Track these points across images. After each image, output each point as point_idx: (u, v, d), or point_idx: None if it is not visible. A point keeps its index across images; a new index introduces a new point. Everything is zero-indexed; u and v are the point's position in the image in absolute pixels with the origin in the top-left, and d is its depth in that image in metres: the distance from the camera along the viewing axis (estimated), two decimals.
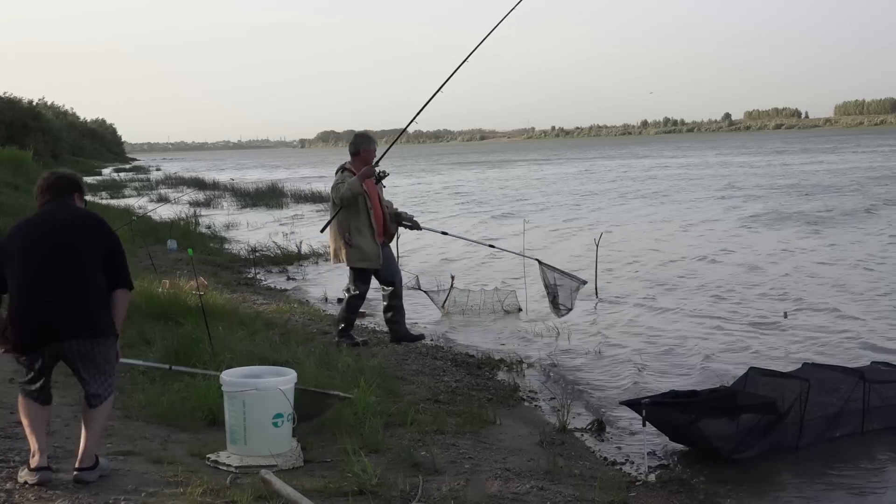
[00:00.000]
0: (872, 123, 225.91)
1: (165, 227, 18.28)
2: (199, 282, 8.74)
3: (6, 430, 5.05)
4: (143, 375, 6.25)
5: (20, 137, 46.07)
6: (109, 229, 4.76)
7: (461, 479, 4.59)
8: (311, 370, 6.10)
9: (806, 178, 35.52)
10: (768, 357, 8.10)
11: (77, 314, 4.45)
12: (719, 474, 5.26)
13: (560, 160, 72.31)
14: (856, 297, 10.83)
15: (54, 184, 4.82)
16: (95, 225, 4.69)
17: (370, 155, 8.20)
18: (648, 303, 10.94)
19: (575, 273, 9.54)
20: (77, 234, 4.60)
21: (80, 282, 4.50)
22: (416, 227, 8.71)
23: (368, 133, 8.52)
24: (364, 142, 8.26)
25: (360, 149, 8.22)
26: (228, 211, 27.66)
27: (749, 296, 11.19)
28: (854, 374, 5.99)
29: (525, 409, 6.71)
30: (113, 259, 4.62)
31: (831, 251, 15.11)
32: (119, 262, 4.64)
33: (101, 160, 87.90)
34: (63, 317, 4.43)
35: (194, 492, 4.16)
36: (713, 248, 15.79)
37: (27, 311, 4.45)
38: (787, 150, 73.47)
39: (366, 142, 8.27)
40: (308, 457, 4.79)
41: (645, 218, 22.10)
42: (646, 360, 8.09)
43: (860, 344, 8.49)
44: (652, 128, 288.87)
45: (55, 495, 4.08)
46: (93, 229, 4.66)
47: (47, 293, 4.45)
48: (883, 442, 5.84)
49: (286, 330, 8.26)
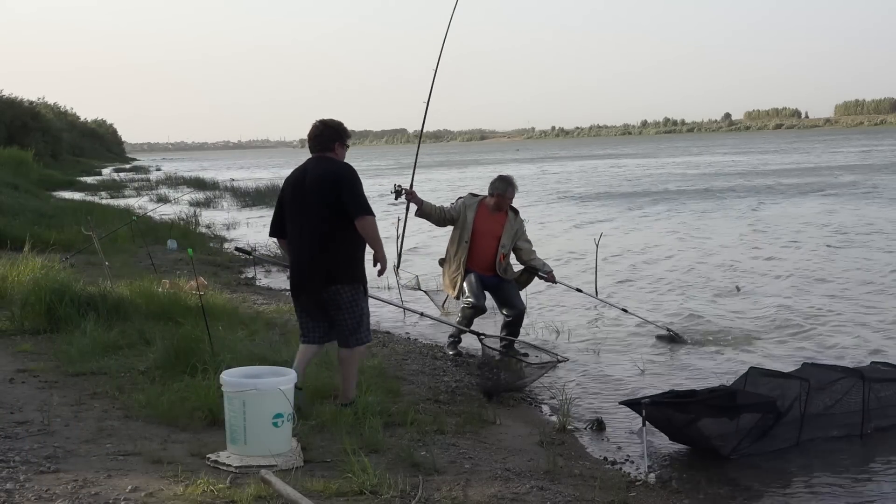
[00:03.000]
0: (872, 123, 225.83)
1: (165, 227, 18.27)
2: (199, 282, 8.74)
3: (6, 430, 5.05)
4: (143, 375, 6.25)
5: (20, 137, 46.10)
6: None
7: (461, 479, 4.59)
8: (312, 370, 6.10)
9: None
10: (769, 357, 8.10)
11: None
12: (719, 474, 5.26)
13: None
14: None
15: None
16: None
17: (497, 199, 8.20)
18: (648, 303, 10.95)
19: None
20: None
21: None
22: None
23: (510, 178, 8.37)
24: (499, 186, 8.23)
25: (494, 192, 8.22)
26: (228, 211, 27.66)
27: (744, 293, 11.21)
28: (854, 374, 5.99)
29: (525, 409, 6.71)
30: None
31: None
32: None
33: (101, 160, 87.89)
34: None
35: (194, 492, 4.17)
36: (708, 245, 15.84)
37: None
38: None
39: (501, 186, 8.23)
40: (308, 457, 4.79)
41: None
42: (646, 360, 8.09)
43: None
44: (652, 128, 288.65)
45: (55, 495, 4.08)
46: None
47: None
48: (883, 442, 5.85)
49: (286, 330, 8.25)
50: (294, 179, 5.84)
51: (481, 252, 8.11)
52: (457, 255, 8.07)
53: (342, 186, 5.61)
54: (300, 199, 5.72)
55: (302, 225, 5.69)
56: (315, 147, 5.81)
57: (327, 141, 5.78)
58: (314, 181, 5.68)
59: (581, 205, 26.92)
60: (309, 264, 5.68)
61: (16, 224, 14.26)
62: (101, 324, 7.48)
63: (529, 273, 8.42)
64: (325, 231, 5.61)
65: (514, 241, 8.26)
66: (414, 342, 8.84)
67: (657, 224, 20.71)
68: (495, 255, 8.14)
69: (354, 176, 5.70)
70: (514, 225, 8.26)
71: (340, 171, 5.69)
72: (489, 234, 8.14)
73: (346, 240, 5.64)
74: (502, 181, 8.25)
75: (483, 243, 8.12)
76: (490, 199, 8.21)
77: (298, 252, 5.74)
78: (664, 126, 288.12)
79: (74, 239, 13.01)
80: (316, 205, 5.63)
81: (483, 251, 8.12)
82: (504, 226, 8.19)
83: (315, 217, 5.64)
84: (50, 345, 7.22)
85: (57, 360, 6.73)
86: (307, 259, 5.69)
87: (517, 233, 8.29)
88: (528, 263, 8.36)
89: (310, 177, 5.71)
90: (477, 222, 8.11)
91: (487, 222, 8.15)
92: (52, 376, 6.35)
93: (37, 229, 13.43)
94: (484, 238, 8.12)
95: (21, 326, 7.78)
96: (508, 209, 8.25)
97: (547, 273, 8.41)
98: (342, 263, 5.65)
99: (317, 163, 5.75)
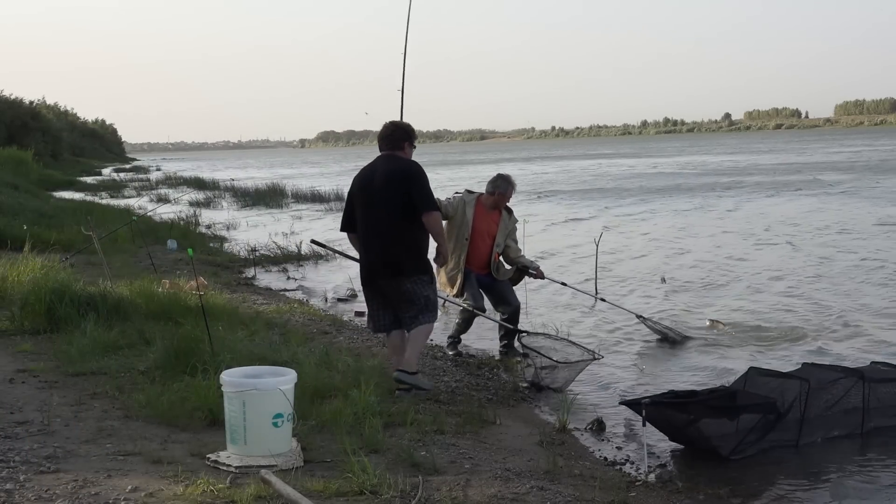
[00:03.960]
0: (872, 123, 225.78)
1: (165, 227, 18.27)
2: (199, 282, 8.73)
3: (6, 430, 5.04)
4: (143, 375, 6.25)
5: (20, 137, 46.13)
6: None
7: (461, 479, 4.58)
8: (311, 370, 6.10)
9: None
10: (770, 356, 8.11)
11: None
12: (719, 474, 5.25)
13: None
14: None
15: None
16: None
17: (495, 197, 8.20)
18: (647, 302, 10.95)
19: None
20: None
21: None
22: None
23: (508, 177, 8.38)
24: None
25: (495, 190, 8.20)
26: (228, 211, 27.65)
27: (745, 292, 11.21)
28: (854, 373, 5.99)
29: (525, 409, 6.71)
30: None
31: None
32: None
33: (101, 160, 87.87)
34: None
35: (194, 492, 4.16)
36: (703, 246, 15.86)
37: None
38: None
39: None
40: (308, 457, 4.79)
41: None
42: (646, 360, 8.09)
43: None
44: (652, 128, 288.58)
45: (55, 495, 4.08)
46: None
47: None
48: (883, 442, 5.85)
49: (286, 330, 8.25)
50: (364, 176, 6.34)
51: (477, 250, 8.09)
52: (454, 252, 8.02)
53: (412, 183, 6.13)
54: (371, 195, 6.22)
55: (373, 219, 6.21)
56: (385, 146, 6.35)
57: (398, 140, 6.33)
58: (385, 177, 6.19)
59: (560, 203, 27.30)
60: (380, 256, 6.21)
61: (16, 224, 14.26)
62: (101, 324, 7.48)
63: (520, 271, 8.44)
64: (394, 224, 6.14)
65: (506, 240, 8.27)
66: None
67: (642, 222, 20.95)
68: (490, 253, 8.15)
69: (423, 173, 6.22)
70: (507, 224, 8.26)
71: (410, 168, 6.23)
72: (485, 233, 8.13)
73: (413, 233, 6.18)
74: (504, 180, 8.23)
75: (479, 242, 8.11)
76: (488, 198, 8.20)
77: (370, 245, 6.26)
78: (664, 126, 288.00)
79: (74, 239, 13.02)
80: (387, 200, 6.15)
81: (479, 250, 8.10)
82: (499, 224, 8.20)
83: (386, 212, 6.15)
84: (50, 345, 7.21)
85: (57, 360, 6.73)
86: (379, 251, 6.21)
87: (510, 232, 8.30)
88: (516, 262, 8.37)
89: (381, 173, 6.23)
90: (475, 220, 8.10)
91: (484, 221, 8.14)
92: (52, 376, 6.35)
93: (37, 229, 13.42)
94: (480, 236, 8.11)
95: (21, 326, 7.78)
96: (503, 208, 8.25)
97: (535, 269, 8.44)
98: (411, 255, 6.20)
99: (387, 161, 6.28)
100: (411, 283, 6.20)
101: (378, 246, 6.20)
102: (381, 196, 6.17)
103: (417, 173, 6.18)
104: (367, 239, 6.27)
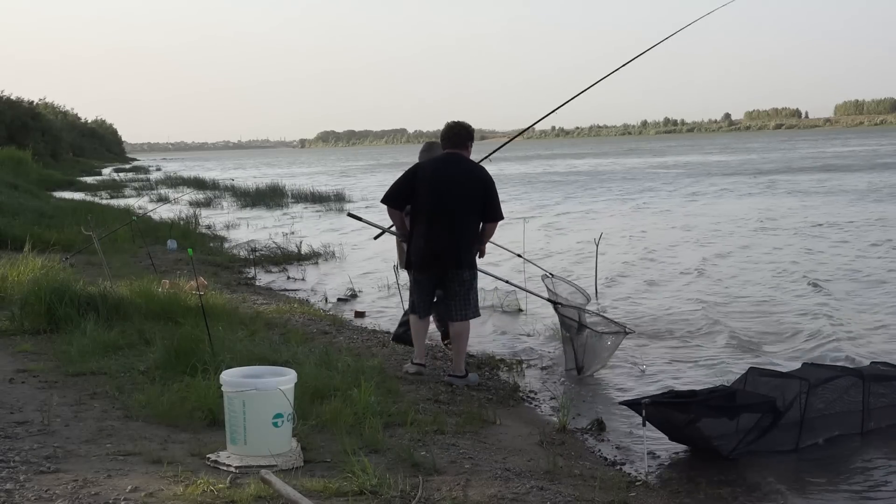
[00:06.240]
0: (872, 123, 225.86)
1: (165, 227, 18.27)
2: (199, 282, 8.73)
3: (6, 430, 5.04)
4: (143, 375, 6.25)
5: (20, 137, 46.17)
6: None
7: (461, 479, 4.58)
8: (311, 370, 6.10)
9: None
10: (770, 356, 8.11)
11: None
12: (719, 474, 5.25)
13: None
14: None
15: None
16: None
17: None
18: (647, 302, 10.95)
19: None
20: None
21: None
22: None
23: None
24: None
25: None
26: (228, 211, 27.65)
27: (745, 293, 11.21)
28: (854, 373, 5.99)
29: (525, 409, 6.71)
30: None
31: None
32: None
33: (101, 160, 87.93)
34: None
35: (194, 492, 4.16)
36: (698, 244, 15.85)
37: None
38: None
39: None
40: (308, 457, 4.79)
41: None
42: (646, 360, 8.09)
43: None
44: (652, 128, 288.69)
45: (55, 495, 4.08)
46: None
47: None
48: (883, 442, 5.85)
49: (286, 330, 8.25)
50: (436, 169, 6.78)
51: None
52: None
53: (489, 192, 6.75)
54: (448, 191, 6.66)
55: (446, 213, 6.66)
56: (449, 143, 6.83)
57: (463, 140, 6.82)
58: (466, 179, 6.72)
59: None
60: (443, 247, 6.69)
61: (16, 224, 14.26)
62: (101, 324, 7.47)
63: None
64: (463, 221, 6.69)
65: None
66: None
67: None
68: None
69: (494, 183, 6.83)
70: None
71: (488, 177, 6.79)
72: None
73: (473, 231, 6.80)
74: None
75: None
76: None
77: (436, 235, 6.69)
78: (664, 126, 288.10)
79: (74, 239, 13.02)
80: (464, 199, 6.68)
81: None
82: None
83: (460, 209, 6.67)
84: (50, 345, 7.21)
85: (57, 360, 6.73)
86: (444, 242, 6.70)
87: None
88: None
89: (460, 173, 6.72)
90: None
91: None
92: (52, 376, 6.35)
93: (37, 229, 13.43)
94: None
95: (21, 326, 7.77)
96: None
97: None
98: (470, 251, 6.79)
99: (459, 161, 6.77)
100: (466, 274, 6.78)
101: (446, 239, 6.68)
102: (458, 194, 6.66)
103: (493, 183, 6.79)
104: (433, 229, 6.69)
